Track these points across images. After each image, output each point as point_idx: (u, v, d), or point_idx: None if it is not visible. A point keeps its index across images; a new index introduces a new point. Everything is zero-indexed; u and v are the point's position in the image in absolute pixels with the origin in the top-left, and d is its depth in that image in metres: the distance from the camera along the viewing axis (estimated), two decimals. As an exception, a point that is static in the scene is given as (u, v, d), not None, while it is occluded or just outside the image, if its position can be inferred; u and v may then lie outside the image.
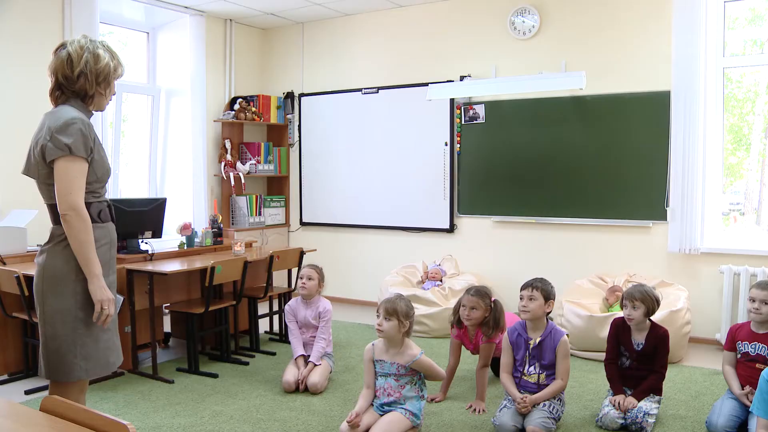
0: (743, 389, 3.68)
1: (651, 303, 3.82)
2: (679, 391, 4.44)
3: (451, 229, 6.75)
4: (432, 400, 4.23)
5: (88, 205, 2.68)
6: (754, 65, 5.68)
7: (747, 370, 3.73)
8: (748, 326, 3.80)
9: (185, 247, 5.47)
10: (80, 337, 2.68)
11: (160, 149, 6.98)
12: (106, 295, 2.69)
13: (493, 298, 4.28)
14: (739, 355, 3.81)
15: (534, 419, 3.63)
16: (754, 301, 3.73)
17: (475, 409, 4.08)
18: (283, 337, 5.80)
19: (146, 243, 5.15)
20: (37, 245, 4.89)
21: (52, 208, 2.69)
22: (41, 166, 2.66)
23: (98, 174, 2.74)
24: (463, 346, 4.38)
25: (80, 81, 2.70)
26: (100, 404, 4.16)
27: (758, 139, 5.85)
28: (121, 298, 2.91)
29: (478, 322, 4.22)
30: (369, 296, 7.09)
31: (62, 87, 2.72)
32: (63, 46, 2.73)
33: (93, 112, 2.82)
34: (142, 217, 5.14)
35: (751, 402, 3.38)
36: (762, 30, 5.61)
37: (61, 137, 2.59)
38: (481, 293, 4.22)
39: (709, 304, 5.60)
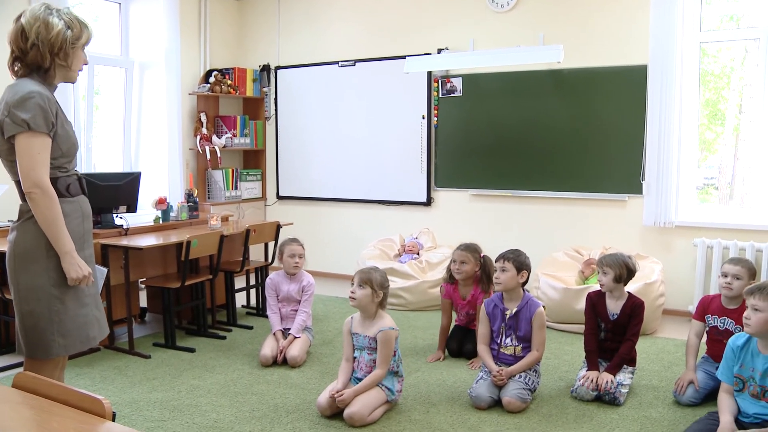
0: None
1: (619, 269, 3.86)
2: (652, 361, 4.51)
3: (428, 202, 6.75)
4: (435, 360, 4.53)
5: (54, 179, 2.63)
6: (730, 40, 5.70)
7: (715, 344, 3.79)
8: (719, 300, 3.84)
9: (161, 222, 5.42)
10: (56, 314, 2.65)
11: (135, 123, 6.88)
12: (80, 273, 2.64)
13: (482, 254, 4.50)
14: (707, 328, 3.88)
15: (510, 390, 3.67)
16: (726, 276, 3.77)
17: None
18: (260, 311, 5.80)
19: (121, 217, 5.10)
20: (8, 221, 4.84)
21: (19, 185, 2.63)
22: (1, 143, 2.59)
23: (63, 149, 2.66)
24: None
25: (33, 52, 2.59)
26: (76, 380, 4.14)
27: (733, 115, 5.89)
28: (104, 270, 2.86)
29: (469, 276, 4.46)
30: (346, 270, 7.09)
31: (19, 59, 2.63)
32: (20, 15, 2.62)
33: (56, 84, 2.73)
34: (117, 191, 5.08)
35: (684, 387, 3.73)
36: (738, 5, 5.62)
37: (19, 113, 2.50)
38: (470, 248, 4.48)
39: (682, 277, 5.67)
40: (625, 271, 3.88)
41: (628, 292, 3.98)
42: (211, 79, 7.06)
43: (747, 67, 5.73)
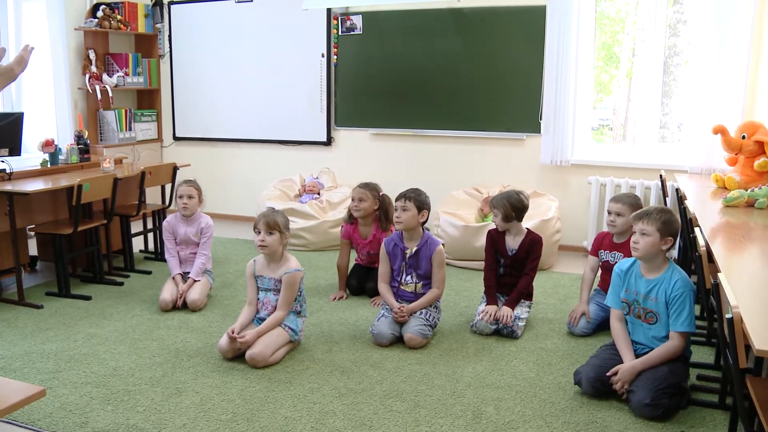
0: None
1: (504, 209, 3.95)
2: (548, 295, 4.68)
3: (329, 141, 6.69)
4: (338, 299, 4.57)
5: None
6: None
7: (607, 277, 3.97)
8: (611, 236, 4.03)
9: (48, 165, 5.16)
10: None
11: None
12: None
13: (381, 193, 4.56)
14: (601, 263, 4.06)
15: (411, 327, 3.73)
16: (610, 213, 3.95)
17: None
18: (158, 255, 5.65)
19: (3, 161, 4.81)
20: None
21: None
22: None
23: None
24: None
25: None
26: (-39, 332, 3.94)
27: (627, 58, 6.06)
28: None
29: (368, 214, 4.52)
30: (246, 211, 6.99)
31: None
32: None
33: None
34: (-3, 133, 4.78)
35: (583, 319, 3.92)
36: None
37: None
38: (369, 186, 4.54)
39: (577, 213, 5.88)
40: (510, 210, 3.96)
41: (527, 228, 4.08)
42: (99, 14, 6.66)
43: (640, 12, 5.88)
